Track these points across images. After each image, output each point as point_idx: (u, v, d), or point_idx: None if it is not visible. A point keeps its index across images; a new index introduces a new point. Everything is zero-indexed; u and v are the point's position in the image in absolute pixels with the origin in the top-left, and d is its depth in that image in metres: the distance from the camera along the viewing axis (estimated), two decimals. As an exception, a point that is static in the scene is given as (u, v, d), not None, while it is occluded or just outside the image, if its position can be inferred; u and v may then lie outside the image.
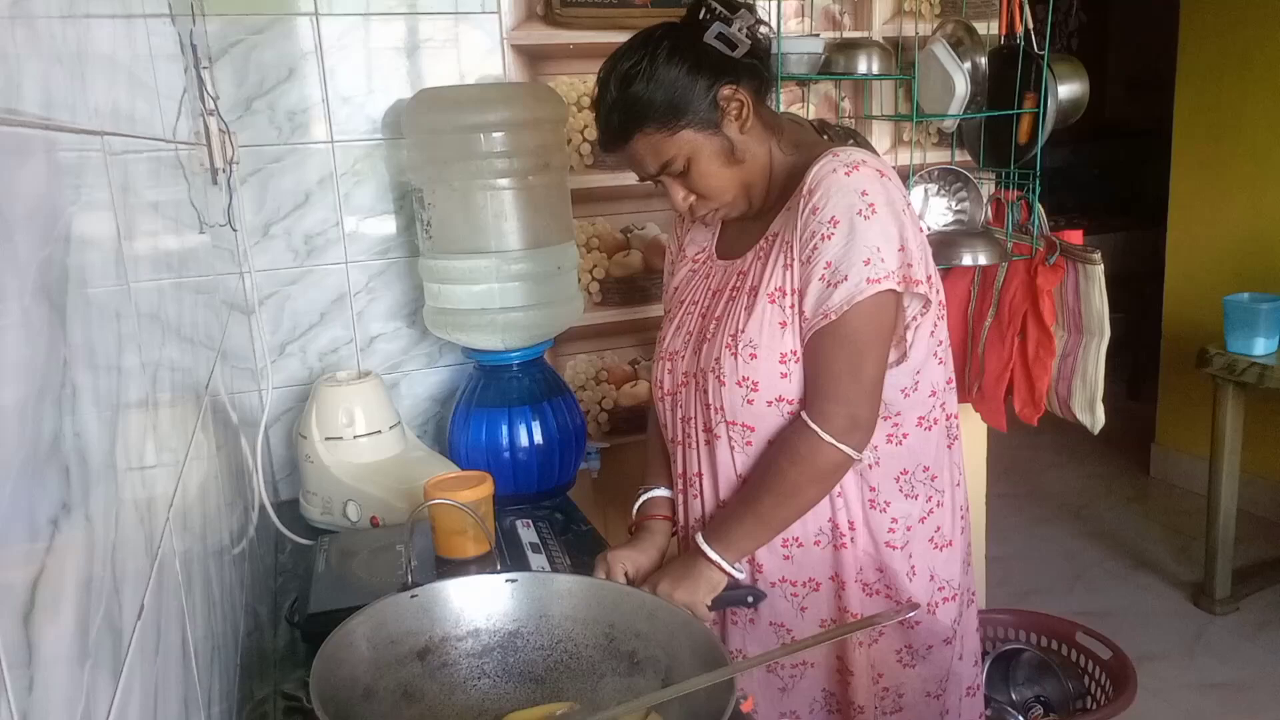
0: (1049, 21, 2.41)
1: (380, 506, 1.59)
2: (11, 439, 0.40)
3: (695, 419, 1.33)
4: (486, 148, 1.65)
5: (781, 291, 1.21)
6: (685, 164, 1.23)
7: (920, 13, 2.20)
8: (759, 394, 1.24)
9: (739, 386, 1.25)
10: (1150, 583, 3.18)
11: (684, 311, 1.38)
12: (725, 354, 1.25)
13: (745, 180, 1.26)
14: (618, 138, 1.24)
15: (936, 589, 1.33)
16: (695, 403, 1.32)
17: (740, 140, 1.24)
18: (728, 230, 1.39)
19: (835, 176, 1.17)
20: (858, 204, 1.16)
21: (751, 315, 1.23)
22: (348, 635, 0.96)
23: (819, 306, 1.18)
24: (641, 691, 0.95)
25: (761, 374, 1.23)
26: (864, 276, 1.15)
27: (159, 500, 0.73)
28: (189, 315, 1.04)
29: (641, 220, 2.08)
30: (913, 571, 1.30)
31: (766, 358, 1.22)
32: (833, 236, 1.16)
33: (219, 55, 1.69)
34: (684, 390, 1.35)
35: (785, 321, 1.21)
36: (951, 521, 1.34)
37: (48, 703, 0.41)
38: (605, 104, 1.24)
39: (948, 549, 1.33)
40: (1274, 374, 2.68)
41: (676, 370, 1.36)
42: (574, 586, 1.08)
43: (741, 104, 1.22)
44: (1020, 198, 2.20)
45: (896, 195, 1.20)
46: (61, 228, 0.53)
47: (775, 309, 1.22)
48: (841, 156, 1.20)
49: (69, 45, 0.61)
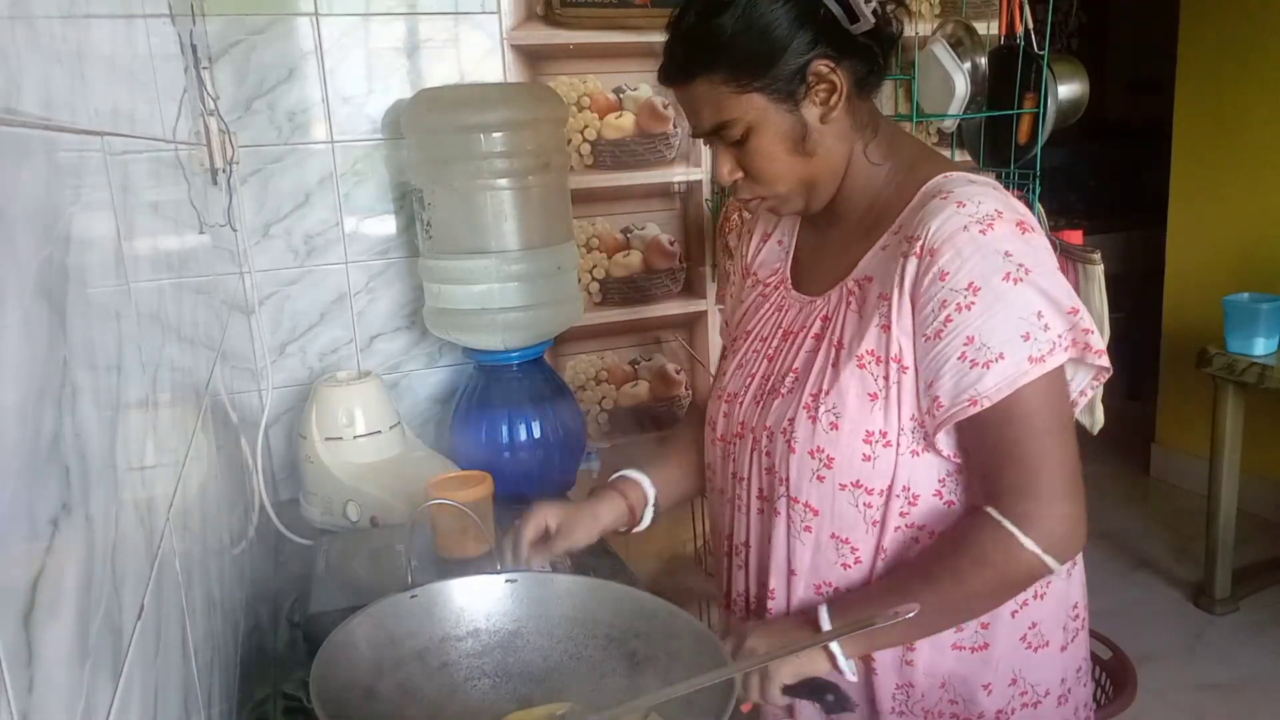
0: (1049, 21, 2.41)
1: (380, 506, 1.59)
2: (11, 439, 0.40)
3: (749, 481, 1.12)
4: (486, 148, 1.65)
5: (876, 358, 1.00)
6: (744, 132, 1.01)
7: (920, 13, 2.20)
8: (832, 472, 1.03)
9: (810, 458, 1.04)
10: (1150, 583, 3.18)
11: (749, 348, 1.16)
12: (802, 415, 1.04)
13: (809, 177, 1.04)
14: (680, 73, 1.02)
15: (1019, 693, 1.10)
16: (753, 463, 1.12)
17: (817, 129, 1.01)
18: (803, 253, 1.17)
19: (967, 235, 0.95)
20: (1004, 266, 0.94)
21: (839, 377, 1.02)
22: (348, 635, 0.96)
23: (960, 392, 0.95)
24: (641, 691, 0.95)
25: (841, 450, 1.02)
26: (1025, 355, 0.94)
27: (159, 500, 0.73)
28: (189, 315, 1.04)
29: (641, 220, 2.08)
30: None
31: (850, 432, 1.01)
32: (974, 306, 0.94)
33: (219, 55, 1.69)
34: (739, 443, 1.14)
35: (876, 394, 1.00)
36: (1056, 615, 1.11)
37: (48, 703, 0.41)
38: (679, 28, 1.01)
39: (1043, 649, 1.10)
40: (1274, 374, 2.68)
41: (733, 417, 1.15)
42: (574, 586, 1.08)
43: (833, 88, 0.99)
44: (1020, 198, 2.19)
45: (1045, 255, 0.98)
46: (61, 228, 0.53)
47: (866, 376, 1.01)
48: (970, 207, 0.96)
49: (69, 45, 0.61)
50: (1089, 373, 1.03)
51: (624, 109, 2.02)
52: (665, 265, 2.12)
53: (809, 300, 1.11)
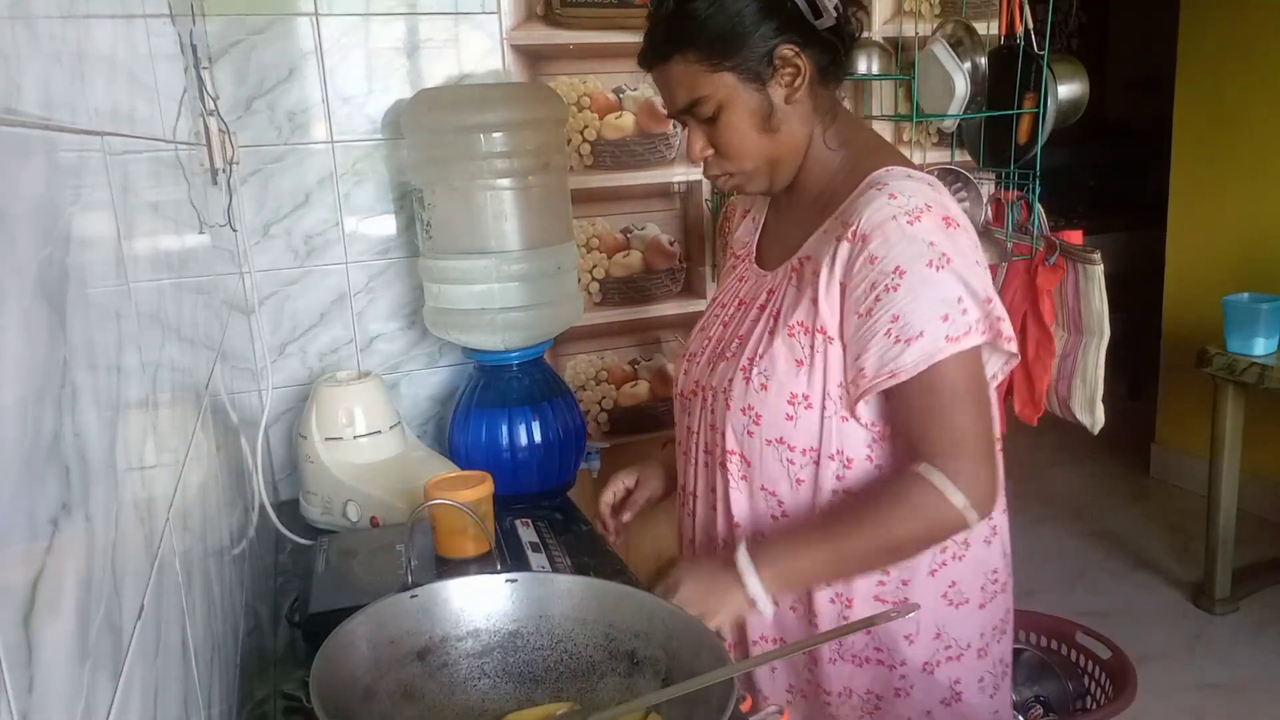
0: (1049, 21, 2.42)
1: (380, 506, 1.59)
2: (11, 439, 0.40)
3: (698, 434, 1.26)
4: (486, 148, 1.65)
5: (804, 328, 1.12)
6: (715, 110, 1.11)
7: (920, 13, 2.20)
8: (759, 429, 1.15)
9: (743, 414, 1.16)
10: (1150, 583, 3.18)
11: (711, 314, 1.31)
12: (739, 376, 1.17)
13: (773, 154, 1.14)
14: (658, 54, 1.13)
15: (943, 646, 1.22)
16: (700, 417, 1.25)
17: (782, 109, 1.12)
18: (767, 230, 1.29)
19: (895, 224, 1.05)
20: (927, 254, 1.04)
21: (773, 344, 1.14)
22: (348, 635, 0.96)
23: (883, 365, 1.06)
24: (641, 691, 0.95)
25: (767, 409, 1.14)
26: (943, 334, 1.04)
27: (159, 500, 0.73)
28: (189, 315, 1.03)
29: (641, 220, 2.08)
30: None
31: (776, 393, 1.13)
32: (899, 288, 1.04)
33: (219, 55, 1.69)
34: (693, 400, 1.27)
35: (802, 360, 1.12)
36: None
37: (48, 703, 0.41)
38: (659, 13, 1.12)
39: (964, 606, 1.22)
40: (1274, 374, 2.68)
41: (690, 375, 1.29)
42: (574, 586, 1.08)
43: (797, 71, 1.10)
44: (1020, 198, 2.20)
45: (968, 247, 1.08)
46: (61, 228, 0.53)
47: (794, 344, 1.12)
48: (900, 199, 1.06)
49: (69, 45, 0.61)
50: (1001, 359, 1.14)
51: (624, 109, 2.02)
52: (665, 265, 2.12)
53: (763, 274, 1.23)
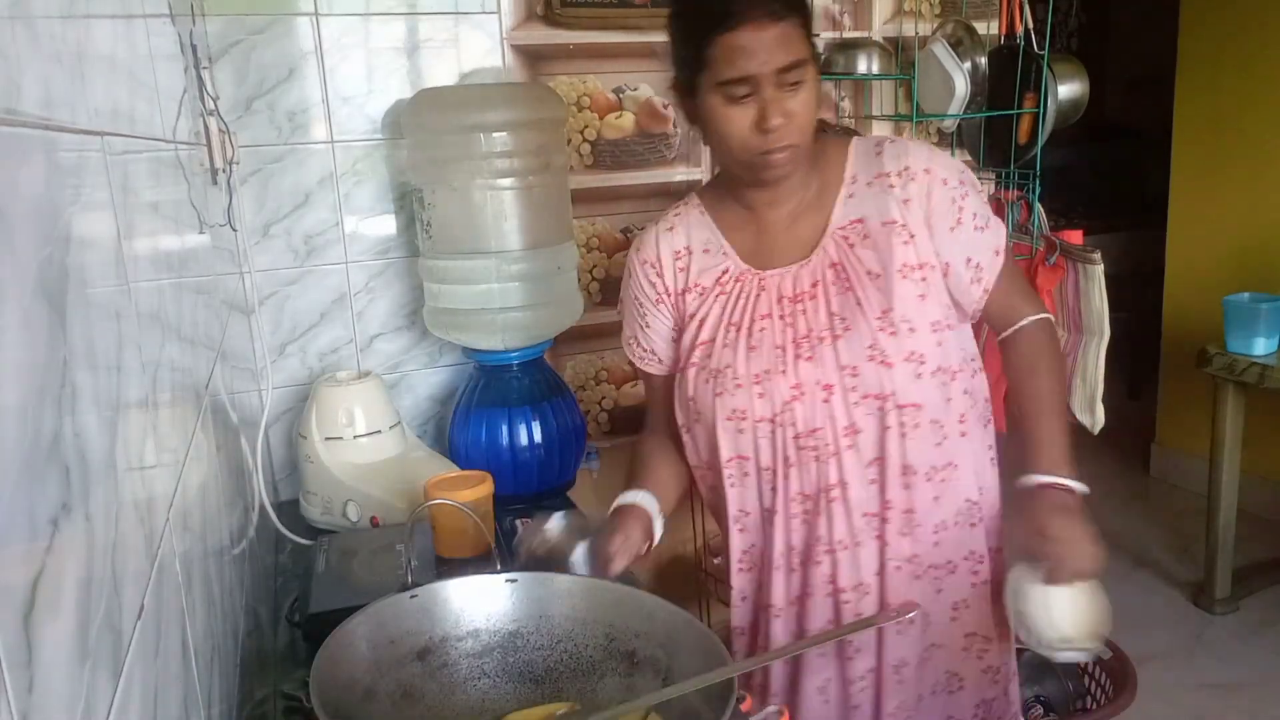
0: (1049, 21, 2.42)
1: (380, 506, 1.59)
2: (11, 439, 0.40)
3: (829, 427, 1.21)
4: (486, 148, 1.65)
5: (911, 266, 1.20)
6: (806, 76, 1.14)
7: (920, 13, 2.20)
8: (926, 366, 1.20)
9: (907, 363, 1.19)
10: (1150, 583, 3.18)
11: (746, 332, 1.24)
12: (882, 336, 1.19)
13: (812, 135, 1.20)
14: (781, 7, 1.12)
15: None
16: (826, 411, 1.21)
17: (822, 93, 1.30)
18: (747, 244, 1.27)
19: (938, 154, 1.26)
20: (962, 166, 1.27)
21: (895, 293, 1.19)
22: (348, 635, 0.96)
23: (990, 251, 1.25)
24: (641, 691, 0.95)
25: (926, 345, 1.20)
26: (994, 217, 1.28)
27: (159, 500, 0.73)
28: (189, 315, 1.04)
29: (641, 220, 2.08)
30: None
31: (924, 329, 1.20)
32: (967, 195, 1.23)
33: (219, 55, 1.69)
34: (799, 405, 1.21)
35: (924, 295, 1.20)
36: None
37: (48, 703, 0.41)
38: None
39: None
40: (1274, 374, 2.68)
41: (781, 387, 1.21)
42: (574, 586, 1.08)
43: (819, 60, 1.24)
44: (1020, 198, 2.20)
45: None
46: (61, 228, 0.53)
47: (911, 284, 1.20)
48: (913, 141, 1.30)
49: (69, 45, 0.61)
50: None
51: (624, 109, 2.02)
52: (665, 265, 2.12)
53: (785, 269, 1.24)
